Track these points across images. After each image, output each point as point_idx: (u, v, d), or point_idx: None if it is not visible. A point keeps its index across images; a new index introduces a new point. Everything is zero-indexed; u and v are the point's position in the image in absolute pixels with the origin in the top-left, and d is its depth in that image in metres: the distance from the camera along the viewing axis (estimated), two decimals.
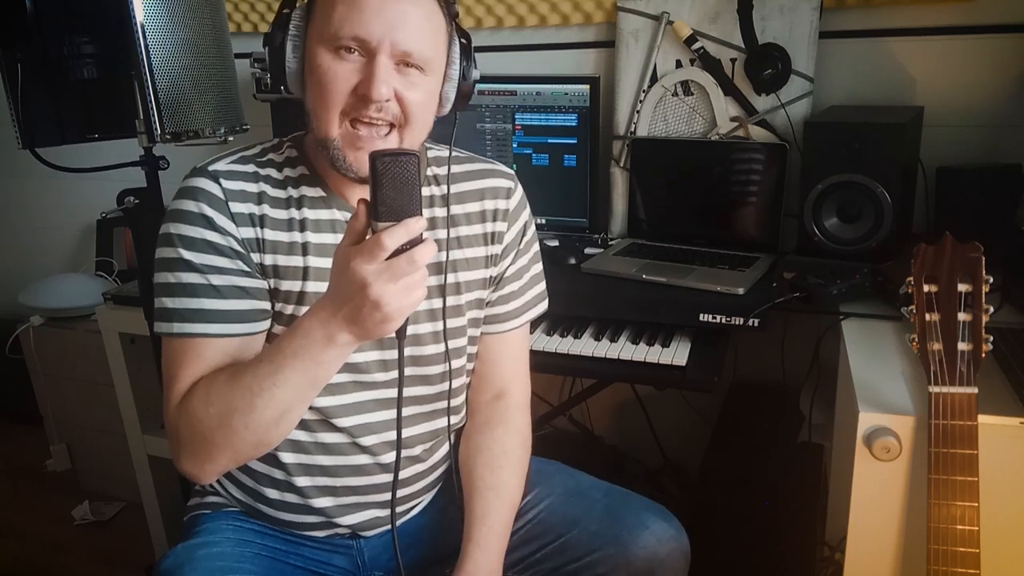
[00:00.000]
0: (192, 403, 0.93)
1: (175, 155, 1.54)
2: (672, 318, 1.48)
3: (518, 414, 1.19)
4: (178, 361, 0.96)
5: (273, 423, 0.91)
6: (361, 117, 0.94)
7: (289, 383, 0.88)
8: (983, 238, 0.96)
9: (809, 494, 1.58)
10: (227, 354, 0.97)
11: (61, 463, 2.46)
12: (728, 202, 1.69)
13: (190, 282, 0.96)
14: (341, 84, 0.93)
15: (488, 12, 1.92)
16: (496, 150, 1.81)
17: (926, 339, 0.97)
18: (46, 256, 2.76)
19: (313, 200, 1.02)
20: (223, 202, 0.98)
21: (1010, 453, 0.99)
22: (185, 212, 0.97)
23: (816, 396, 1.57)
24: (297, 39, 0.96)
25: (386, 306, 0.80)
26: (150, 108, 1.37)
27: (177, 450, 0.96)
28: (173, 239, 0.97)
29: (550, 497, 1.15)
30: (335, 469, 1.07)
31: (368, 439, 1.08)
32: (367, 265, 0.79)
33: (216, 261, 0.97)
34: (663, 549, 1.06)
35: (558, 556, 1.11)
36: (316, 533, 1.12)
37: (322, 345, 0.86)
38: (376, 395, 1.07)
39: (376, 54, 0.91)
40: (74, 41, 1.44)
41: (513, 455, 1.14)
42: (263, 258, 1.00)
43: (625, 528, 1.07)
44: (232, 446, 0.92)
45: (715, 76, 1.72)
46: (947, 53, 1.61)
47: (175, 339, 0.97)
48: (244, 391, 0.90)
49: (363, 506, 1.11)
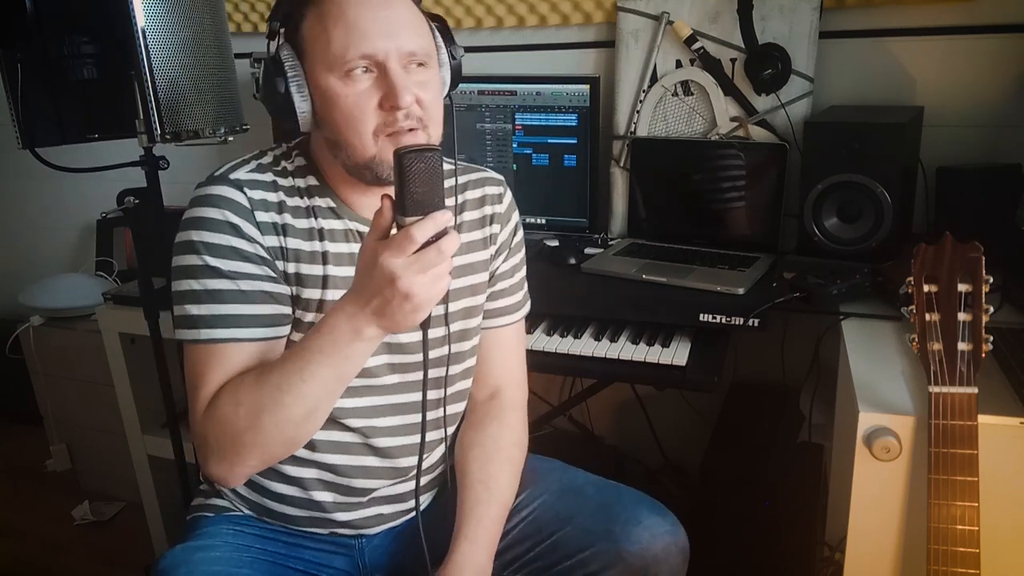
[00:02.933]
0: (220, 406, 0.93)
1: (175, 155, 1.54)
2: (672, 318, 1.48)
3: (512, 413, 1.19)
4: (204, 367, 0.96)
5: (302, 420, 0.92)
6: (392, 129, 0.94)
7: (316, 379, 0.89)
8: (983, 238, 0.96)
9: (809, 494, 1.58)
10: (253, 358, 0.97)
11: (61, 463, 2.46)
12: (728, 202, 1.69)
13: (217, 288, 0.96)
14: (364, 105, 0.93)
15: (488, 12, 1.92)
16: (496, 150, 1.81)
17: (926, 339, 0.97)
18: (46, 256, 2.76)
19: (324, 211, 1.03)
20: (249, 211, 0.98)
21: (1010, 453, 0.99)
22: (209, 220, 0.97)
23: (816, 396, 1.57)
24: (299, 79, 0.95)
25: (416, 297, 0.81)
26: (150, 108, 1.37)
27: (206, 455, 0.95)
28: (197, 246, 0.96)
29: (544, 495, 1.15)
30: (344, 468, 1.08)
31: (380, 440, 1.08)
32: (396, 259, 0.80)
33: (244, 267, 0.97)
34: (657, 544, 1.04)
35: (551, 554, 1.10)
36: (318, 530, 1.12)
37: (349, 339, 0.87)
38: (388, 400, 1.08)
39: (387, 64, 0.93)
40: (74, 41, 1.44)
41: (506, 451, 1.15)
42: (287, 266, 1.01)
43: (617, 523, 1.06)
44: (262, 446, 0.92)
45: (715, 76, 1.72)
46: (947, 53, 1.61)
47: (201, 345, 0.96)
48: (272, 389, 0.90)
49: (366, 504, 1.11)
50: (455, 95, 1.08)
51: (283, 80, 0.95)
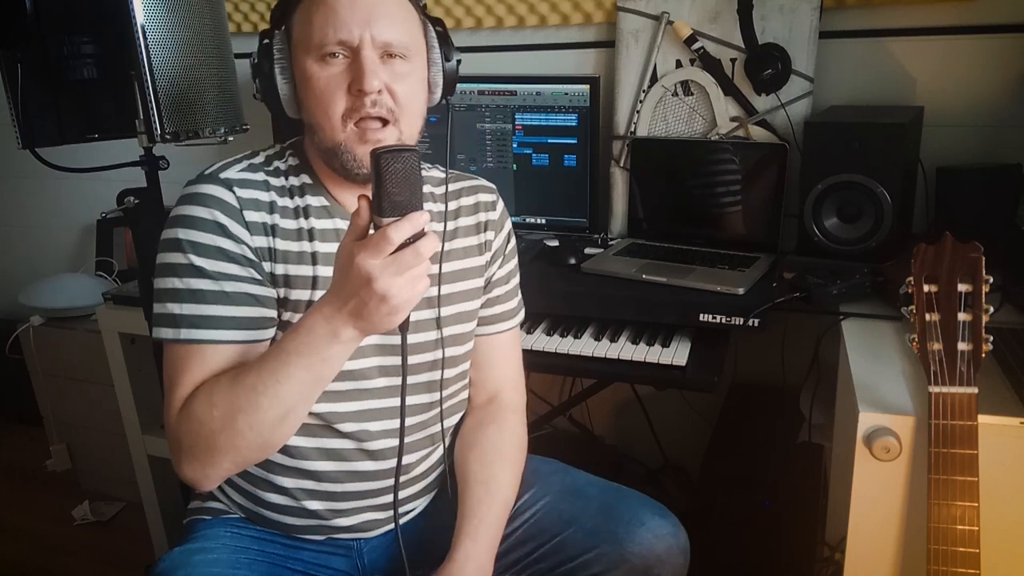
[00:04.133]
0: (195, 407, 0.92)
1: (175, 155, 1.54)
2: (672, 318, 1.48)
3: (512, 416, 1.20)
4: (182, 367, 0.95)
5: (277, 422, 0.91)
6: (360, 115, 0.96)
7: (293, 380, 0.88)
8: (983, 238, 0.96)
9: (809, 494, 1.58)
10: (231, 360, 0.96)
11: (61, 463, 2.46)
12: (728, 202, 1.69)
13: (200, 288, 0.95)
14: (335, 87, 0.95)
15: (488, 12, 1.92)
16: (496, 150, 1.81)
17: (926, 339, 0.97)
18: (46, 256, 2.76)
19: (317, 210, 1.03)
20: (238, 210, 0.98)
21: (1010, 453, 0.99)
22: (196, 218, 0.96)
23: (816, 396, 1.57)
24: (284, 62, 0.98)
25: (393, 298, 0.81)
26: (150, 108, 1.37)
27: (179, 456, 0.95)
28: (183, 244, 0.96)
29: (547, 497, 1.15)
30: (335, 475, 1.07)
31: (374, 444, 1.08)
32: (372, 259, 0.80)
33: (229, 268, 0.96)
34: (660, 546, 1.05)
35: (554, 556, 1.10)
36: (315, 536, 1.12)
37: (327, 341, 0.86)
38: (379, 403, 1.08)
39: (360, 50, 0.94)
40: (74, 41, 1.44)
41: (506, 452, 1.15)
42: (274, 267, 1.00)
43: (621, 525, 1.06)
44: (236, 448, 0.91)
45: (715, 76, 1.72)
46: (947, 53, 1.61)
47: (180, 345, 0.96)
48: (248, 390, 0.89)
49: (360, 510, 1.11)
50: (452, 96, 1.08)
51: (268, 63, 0.98)
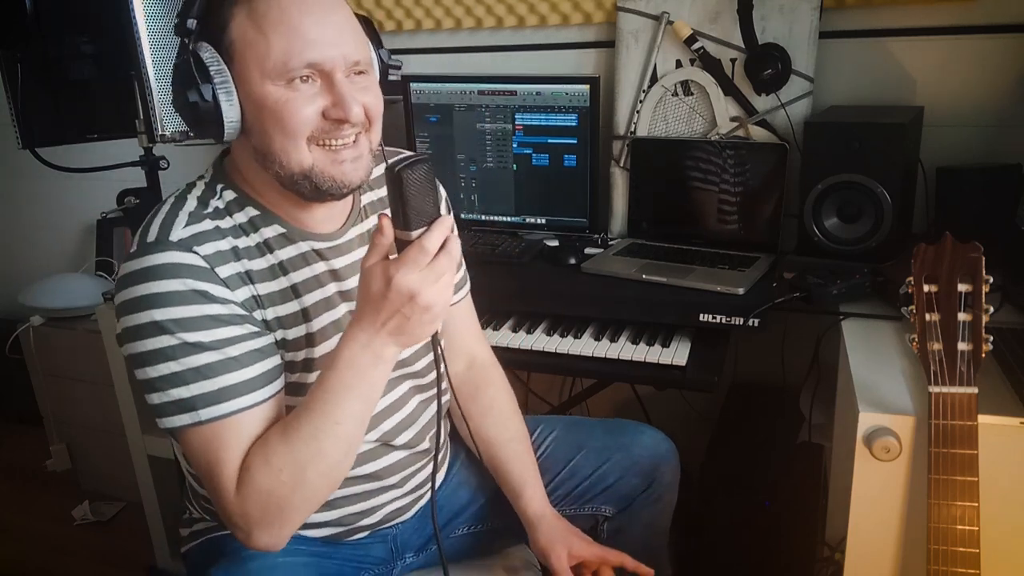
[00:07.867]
0: (256, 478, 0.87)
1: (175, 155, 1.54)
2: (672, 318, 1.48)
3: (494, 370, 1.27)
4: (217, 446, 0.88)
5: (344, 459, 0.91)
6: (332, 138, 0.91)
7: (348, 416, 0.88)
8: (983, 238, 0.96)
9: (809, 494, 1.58)
10: (267, 419, 0.91)
11: (61, 463, 2.46)
12: (728, 202, 1.69)
13: (204, 363, 0.88)
14: (306, 113, 0.88)
15: (488, 12, 1.92)
16: (496, 150, 1.81)
17: (926, 339, 0.96)
18: (46, 256, 2.76)
19: (276, 239, 0.97)
20: (209, 270, 0.90)
21: (1010, 453, 0.99)
22: (170, 293, 0.87)
23: (816, 396, 1.57)
24: (226, 84, 0.88)
25: (435, 306, 0.83)
26: (150, 108, 1.37)
27: (249, 530, 0.89)
28: (165, 326, 0.87)
29: (553, 431, 1.30)
30: (362, 479, 1.08)
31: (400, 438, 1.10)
32: (412, 274, 0.81)
33: (227, 332, 0.90)
34: (662, 447, 1.27)
35: (569, 480, 1.25)
36: (356, 536, 1.13)
37: (371, 366, 0.86)
38: (388, 399, 1.08)
39: (334, 75, 0.89)
40: (74, 41, 1.45)
41: (510, 406, 1.25)
42: (264, 314, 0.95)
43: (626, 436, 1.27)
44: (310, 500, 0.90)
45: (715, 76, 1.72)
46: (947, 53, 1.61)
47: (204, 427, 0.88)
48: (308, 441, 0.87)
49: (379, 506, 1.12)
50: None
51: (209, 87, 0.87)
